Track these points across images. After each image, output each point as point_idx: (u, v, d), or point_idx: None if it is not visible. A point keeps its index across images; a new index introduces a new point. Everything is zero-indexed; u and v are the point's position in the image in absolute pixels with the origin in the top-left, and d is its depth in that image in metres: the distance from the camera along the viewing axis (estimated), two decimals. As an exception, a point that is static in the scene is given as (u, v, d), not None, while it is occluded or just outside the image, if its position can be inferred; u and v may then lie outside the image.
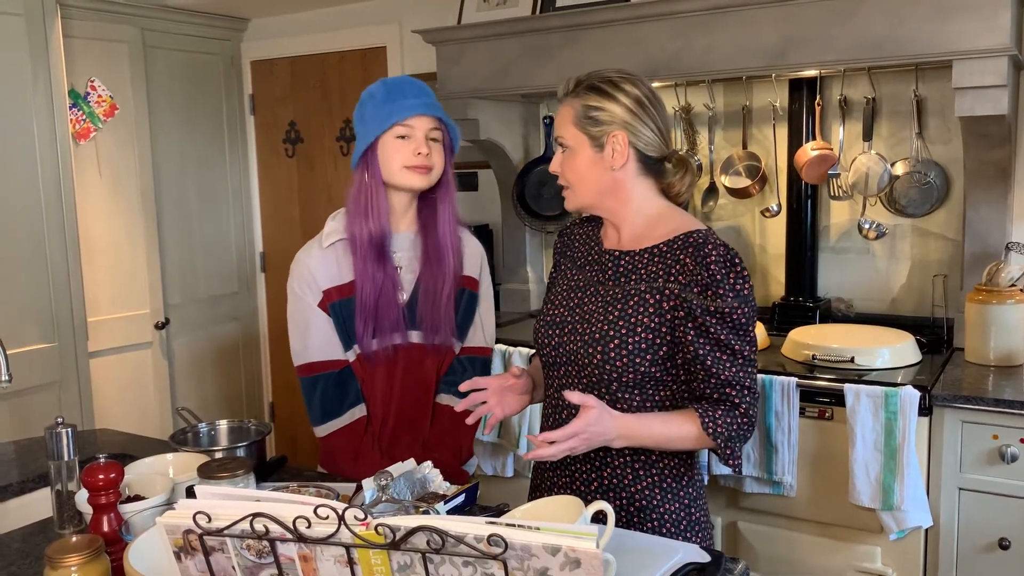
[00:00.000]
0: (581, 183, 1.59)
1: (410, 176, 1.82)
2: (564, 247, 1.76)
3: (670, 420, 1.50)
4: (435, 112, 1.84)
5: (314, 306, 1.85)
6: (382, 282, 1.84)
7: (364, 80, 3.97)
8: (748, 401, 1.50)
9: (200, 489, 1.10)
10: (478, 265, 1.99)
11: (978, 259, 2.64)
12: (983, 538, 2.26)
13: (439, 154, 1.86)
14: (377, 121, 1.81)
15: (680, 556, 1.31)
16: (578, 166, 1.58)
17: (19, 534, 1.57)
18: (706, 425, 1.48)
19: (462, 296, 1.94)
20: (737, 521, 2.57)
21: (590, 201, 1.61)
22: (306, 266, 1.87)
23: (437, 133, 1.85)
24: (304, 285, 1.86)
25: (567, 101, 1.59)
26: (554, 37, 2.88)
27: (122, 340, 3.77)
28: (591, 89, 1.56)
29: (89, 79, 3.59)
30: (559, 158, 1.62)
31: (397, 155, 1.81)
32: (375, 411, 1.91)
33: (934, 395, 2.26)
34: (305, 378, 1.88)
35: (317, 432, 1.90)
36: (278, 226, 4.37)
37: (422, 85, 1.87)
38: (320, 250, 1.87)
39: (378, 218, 1.83)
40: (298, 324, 1.88)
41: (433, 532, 0.95)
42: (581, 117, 1.56)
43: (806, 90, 2.89)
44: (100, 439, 2.13)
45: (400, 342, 1.88)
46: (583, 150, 1.57)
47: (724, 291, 1.45)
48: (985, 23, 2.25)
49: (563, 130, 1.59)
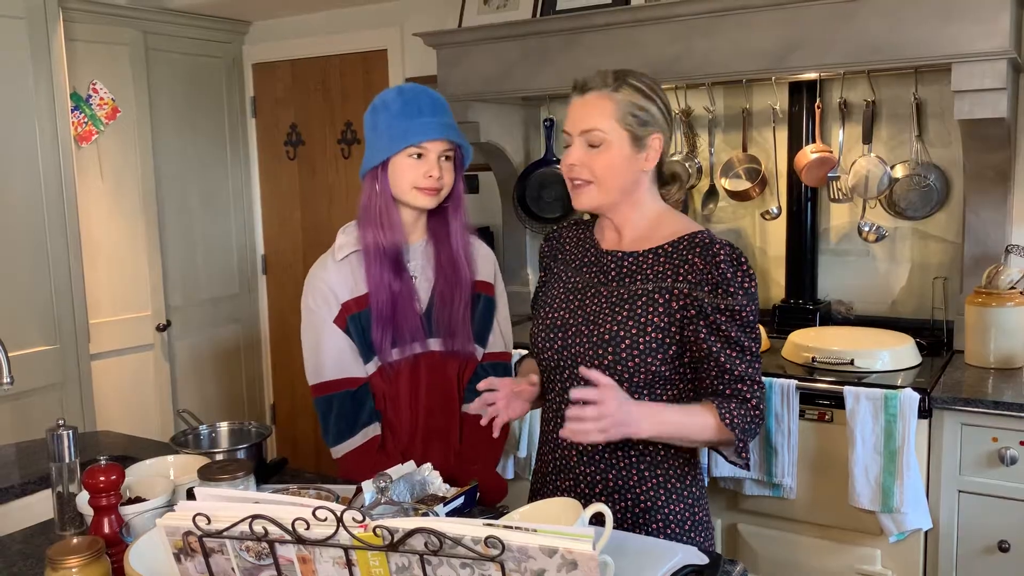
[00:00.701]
0: (611, 179, 1.55)
1: (419, 196, 1.82)
2: (554, 251, 1.75)
3: (689, 409, 1.52)
4: (451, 136, 1.81)
5: (329, 322, 1.83)
6: (399, 290, 1.83)
7: (365, 83, 3.98)
8: (758, 396, 1.53)
9: (200, 491, 1.10)
10: (491, 270, 1.99)
11: (978, 262, 2.65)
12: (983, 540, 2.27)
13: (450, 173, 1.84)
14: (391, 137, 1.79)
15: (679, 558, 1.32)
16: (612, 161, 1.54)
17: (20, 535, 1.58)
18: (723, 417, 1.49)
19: (478, 301, 1.94)
20: (737, 523, 2.57)
21: (611, 199, 1.57)
22: (323, 280, 1.85)
23: (450, 152, 1.83)
24: (321, 300, 1.84)
25: (605, 95, 1.53)
26: (554, 40, 2.89)
27: (123, 342, 3.77)
28: (635, 87, 1.54)
29: (91, 82, 3.60)
30: (584, 152, 1.55)
31: (409, 174, 1.80)
32: (401, 423, 1.89)
33: (934, 397, 2.27)
34: (319, 398, 1.85)
35: (333, 453, 1.88)
36: (279, 228, 4.37)
37: (438, 100, 1.84)
38: (335, 263, 1.86)
39: (391, 229, 1.82)
40: (312, 341, 1.86)
41: (431, 534, 0.95)
42: (627, 114, 1.53)
43: (806, 93, 2.89)
44: (101, 441, 2.14)
45: (420, 350, 1.87)
46: (621, 146, 1.54)
47: (734, 289, 1.49)
48: (984, 26, 2.25)
49: (600, 123, 1.53)
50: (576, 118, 1.56)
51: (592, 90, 1.54)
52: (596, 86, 1.54)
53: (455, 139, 1.82)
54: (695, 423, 1.50)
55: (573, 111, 1.57)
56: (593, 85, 1.55)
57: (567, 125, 1.58)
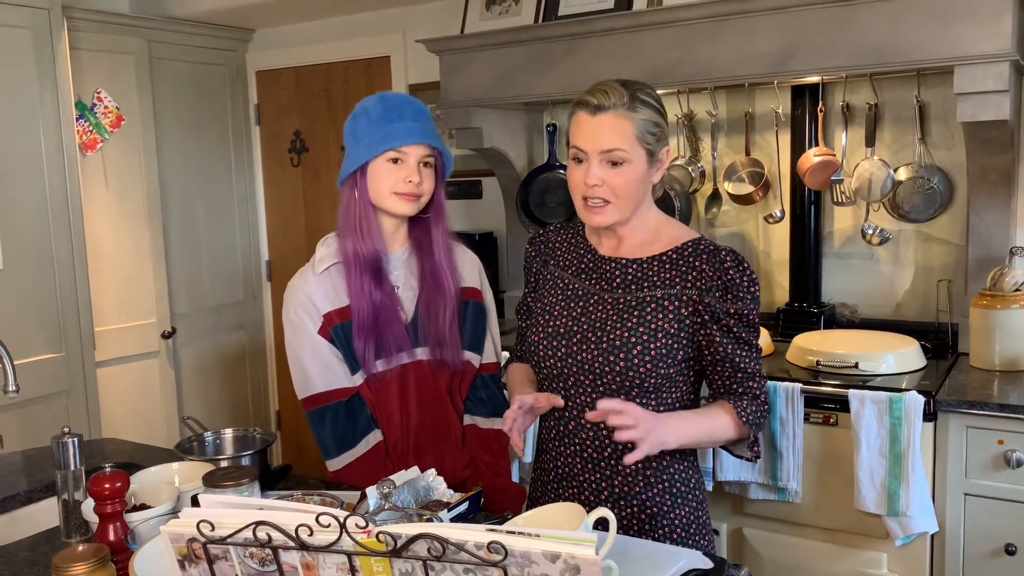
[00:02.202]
0: (631, 197, 1.55)
1: (398, 203, 1.78)
2: (543, 255, 1.74)
3: (708, 413, 1.57)
4: (431, 140, 1.78)
5: (314, 333, 1.79)
6: (380, 300, 1.79)
7: (369, 89, 3.99)
8: (765, 391, 1.61)
9: (204, 498, 1.11)
10: (476, 275, 1.96)
11: (982, 264, 2.64)
12: (989, 544, 2.26)
13: (430, 179, 1.80)
14: (370, 142, 1.76)
15: (683, 563, 1.32)
16: (631, 179, 1.54)
17: (26, 543, 1.58)
18: (741, 416, 1.56)
19: (468, 308, 1.91)
20: (743, 527, 2.57)
21: (628, 215, 1.58)
22: (302, 291, 1.81)
23: (430, 159, 1.80)
24: (302, 311, 1.80)
25: (624, 114, 1.52)
26: (557, 46, 2.89)
27: (129, 349, 3.78)
28: (647, 104, 1.54)
29: (95, 90, 3.61)
30: (604, 170, 1.53)
31: (388, 179, 1.76)
32: (392, 433, 1.85)
33: (939, 400, 2.26)
34: (311, 411, 1.81)
35: (331, 466, 1.84)
36: (284, 235, 4.39)
37: (419, 107, 1.81)
38: (315, 276, 1.82)
39: (371, 237, 1.78)
40: (298, 354, 1.81)
41: (434, 539, 0.95)
42: (645, 132, 1.53)
43: (808, 96, 2.89)
44: (107, 448, 2.14)
45: (408, 360, 1.84)
46: (640, 164, 1.54)
47: (743, 294, 1.54)
48: (987, 28, 2.25)
49: (622, 143, 1.51)
50: (595, 138, 1.52)
51: (608, 110, 1.52)
52: (613, 105, 1.52)
53: (435, 144, 1.79)
54: (716, 426, 1.56)
55: (590, 129, 1.53)
56: (609, 104, 1.52)
57: (582, 143, 1.54)
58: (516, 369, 1.81)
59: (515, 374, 1.80)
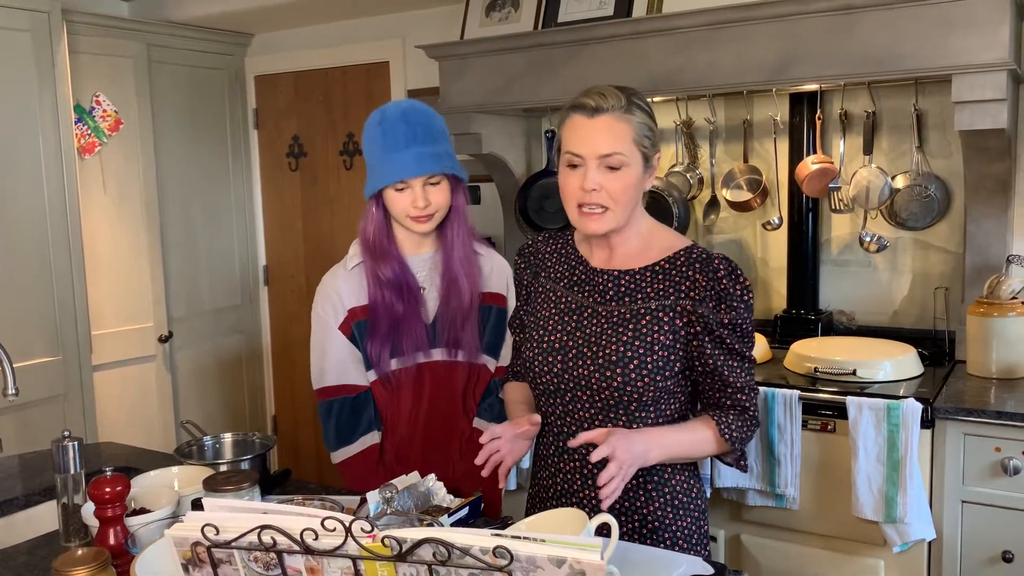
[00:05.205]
0: (629, 202, 1.54)
1: (413, 224, 1.86)
2: (533, 266, 1.72)
3: (689, 427, 1.56)
4: (426, 169, 1.80)
5: (334, 328, 1.89)
6: (402, 312, 1.86)
7: (367, 95, 3.99)
8: (755, 404, 1.58)
9: (208, 501, 1.11)
10: (504, 282, 1.98)
11: (979, 272, 2.65)
12: (986, 551, 2.26)
13: (440, 194, 1.85)
14: (378, 173, 1.84)
15: (684, 568, 1.32)
16: (628, 184, 1.52)
17: (25, 547, 1.58)
18: (723, 432, 1.54)
19: (489, 313, 1.94)
20: (740, 534, 2.57)
21: (623, 222, 1.56)
22: (331, 287, 1.91)
23: (437, 178, 1.84)
24: (328, 306, 1.90)
25: (622, 117, 1.51)
26: (556, 52, 2.90)
27: (126, 353, 3.77)
28: (642, 108, 1.54)
29: (94, 94, 3.61)
30: (602, 175, 1.51)
31: (398, 204, 1.84)
32: (400, 431, 1.91)
33: (936, 408, 2.27)
34: (322, 402, 1.91)
35: (332, 458, 1.93)
36: (281, 240, 4.38)
37: (414, 129, 1.81)
38: (345, 272, 1.91)
39: (383, 259, 1.87)
40: (317, 347, 1.92)
41: (439, 544, 0.95)
42: (642, 136, 1.52)
43: (807, 104, 2.90)
44: (105, 452, 2.14)
45: (424, 360, 1.90)
46: (637, 168, 1.53)
47: (737, 303, 1.51)
48: (984, 38, 2.26)
49: (621, 146, 1.50)
50: (593, 141, 1.50)
51: (606, 112, 1.50)
52: (610, 108, 1.50)
53: (432, 169, 1.81)
54: (696, 439, 1.54)
55: (586, 133, 1.51)
56: (607, 107, 1.50)
57: (577, 147, 1.52)
58: (513, 389, 1.79)
59: (512, 394, 1.78)
